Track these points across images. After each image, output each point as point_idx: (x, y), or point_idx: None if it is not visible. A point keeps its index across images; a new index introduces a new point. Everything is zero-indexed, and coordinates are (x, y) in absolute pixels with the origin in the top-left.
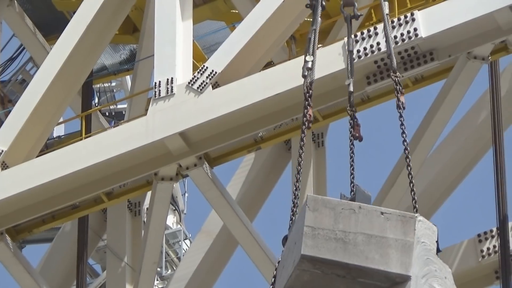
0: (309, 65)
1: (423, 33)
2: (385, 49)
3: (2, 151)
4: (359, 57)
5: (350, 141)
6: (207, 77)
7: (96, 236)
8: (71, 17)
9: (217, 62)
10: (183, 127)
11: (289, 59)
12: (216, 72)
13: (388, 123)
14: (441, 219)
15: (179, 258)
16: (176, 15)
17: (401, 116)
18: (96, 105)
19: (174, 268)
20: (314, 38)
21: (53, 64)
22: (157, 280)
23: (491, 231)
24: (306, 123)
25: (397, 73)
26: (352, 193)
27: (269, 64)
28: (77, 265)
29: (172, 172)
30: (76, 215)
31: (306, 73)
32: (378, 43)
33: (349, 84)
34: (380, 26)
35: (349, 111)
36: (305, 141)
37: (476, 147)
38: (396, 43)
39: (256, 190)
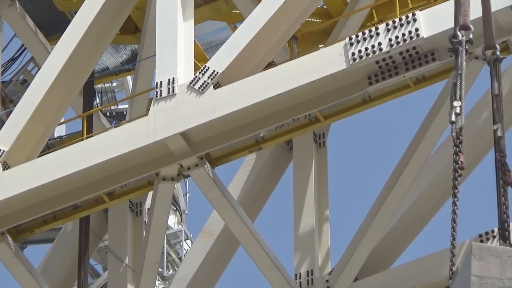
0: (458, 110)
1: (424, 33)
2: (387, 48)
3: (4, 151)
4: (361, 57)
5: (502, 188)
6: (208, 77)
7: (97, 237)
8: (73, 17)
9: (218, 62)
10: (185, 127)
11: (291, 59)
12: (217, 72)
13: (389, 123)
14: (442, 219)
15: (180, 259)
16: (178, 15)
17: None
18: (98, 105)
19: (175, 269)
20: (461, 83)
21: (55, 64)
22: (158, 280)
23: (492, 231)
24: (459, 170)
25: (503, 153)
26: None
27: (271, 64)
28: (78, 265)
29: (174, 172)
30: (77, 215)
31: (455, 119)
32: (379, 43)
33: (497, 129)
34: (381, 26)
35: (498, 156)
36: (458, 189)
37: (477, 147)
38: (398, 43)
39: (257, 191)
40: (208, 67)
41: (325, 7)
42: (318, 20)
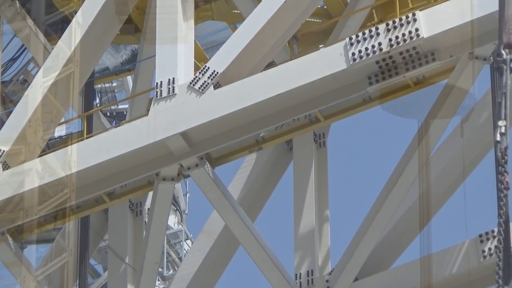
0: (503, 130)
1: (424, 33)
2: (387, 48)
3: (4, 151)
4: (361, 57)
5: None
6: (208, 78)
7: (98, 236)
8: (73, 17)
9: (218, 62)
10: (185, 127)
11: (291, 59)
12: (217, 73)
13: (389, 124)
14: (442, 219)
15: (180, 259)
16: (178, 15)
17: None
18: (98, 105)
19: (176, 269)
20: (505, 102)
21: (55, 64)
22: (158, 280)
23: (493, 231)
24: (504, 190)
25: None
26: None
27: (271, 65)
28: (78, 265)
29: (174, 172)
30: (77, 215)
31: (500, 139)
32: (379, 43)
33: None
34: (381, 26)
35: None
36: (504, 210)
37: (478, 147)
38: (398, 43)
39: (257, 191)
40: (208, 67)
41: (325, 7)
42: (318, 20)
